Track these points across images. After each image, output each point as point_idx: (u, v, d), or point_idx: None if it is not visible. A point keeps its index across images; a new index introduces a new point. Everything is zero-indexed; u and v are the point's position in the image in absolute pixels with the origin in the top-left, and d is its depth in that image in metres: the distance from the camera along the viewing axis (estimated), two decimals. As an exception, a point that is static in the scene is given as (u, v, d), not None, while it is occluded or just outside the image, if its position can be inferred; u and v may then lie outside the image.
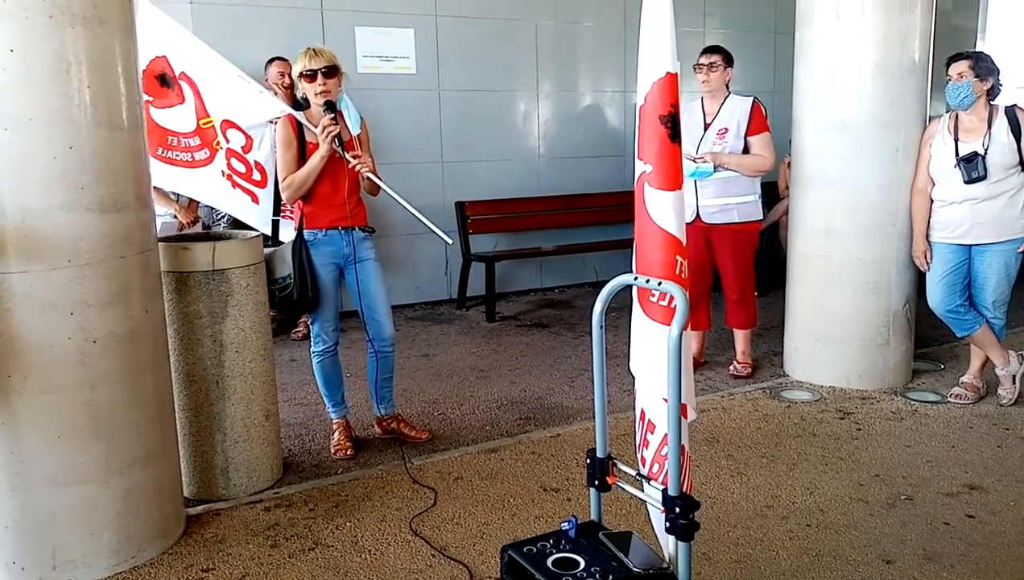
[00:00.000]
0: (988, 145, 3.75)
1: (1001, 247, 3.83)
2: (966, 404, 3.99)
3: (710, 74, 4.29)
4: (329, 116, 3.25)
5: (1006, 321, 4.00)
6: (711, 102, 4.38)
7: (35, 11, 2.26)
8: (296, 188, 3.29)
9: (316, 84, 3.28)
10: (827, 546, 2.71)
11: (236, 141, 3.57)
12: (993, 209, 3.79)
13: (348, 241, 3.41)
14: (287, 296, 3.34)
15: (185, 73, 3.50)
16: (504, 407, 4.17)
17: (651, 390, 2.14)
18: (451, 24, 6.27)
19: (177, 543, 2.77)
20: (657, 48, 2.03)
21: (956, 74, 3.77)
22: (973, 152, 3.77)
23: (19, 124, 2.28)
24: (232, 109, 3.53)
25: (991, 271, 3.87)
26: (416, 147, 6.23)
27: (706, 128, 4.35)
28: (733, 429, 3.75)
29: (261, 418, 3.19)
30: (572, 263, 7.04)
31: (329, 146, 3.25)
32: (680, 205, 2.07)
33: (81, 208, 2.39)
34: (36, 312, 2.36)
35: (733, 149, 4.29)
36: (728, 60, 4.33)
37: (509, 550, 1.94)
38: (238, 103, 3.52)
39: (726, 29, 7.44)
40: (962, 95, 3.76)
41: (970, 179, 3.77)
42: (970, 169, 3.76)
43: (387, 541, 2.79)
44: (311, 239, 3.36)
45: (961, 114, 3.86)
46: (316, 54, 3.28)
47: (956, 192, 3.85)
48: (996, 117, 3.79)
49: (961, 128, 3.85)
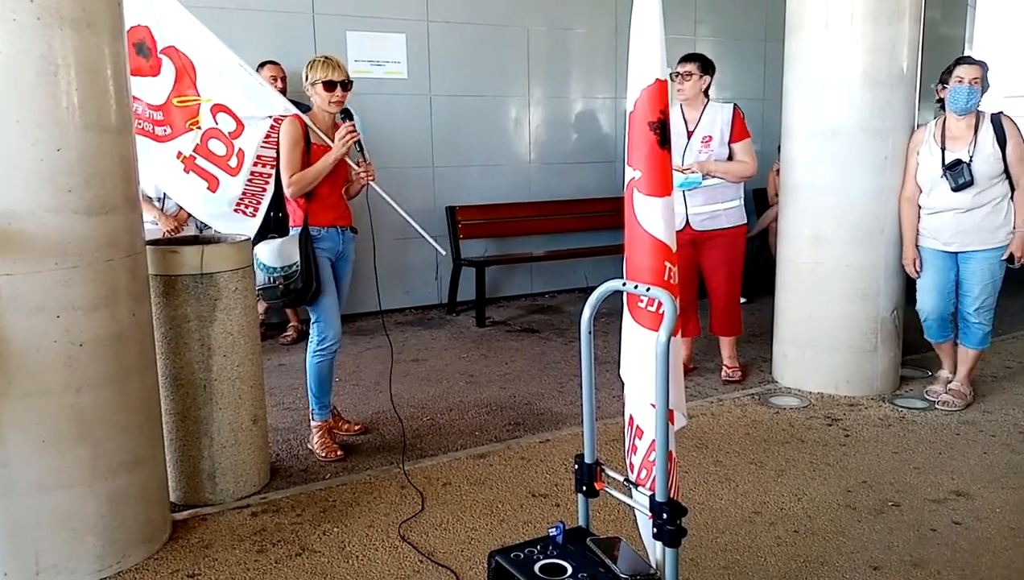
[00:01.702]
0: (973, 153, 3.78)
1: (985, 254, 3.88)
2: (953, 411, 4.02)
3: (684, 83, 4.30)
4: (350, 123, 3.43)
5: (992, 327, 4.04)
6: (690, 110, 4.38)
7: (23, 13, 2.25)
8: (304, 185, 3.39)
9: (335, 94, 3.42)
10: (815, 552, 2.71)
11: (225, 125, 3.60)
12: (976, 217, 3.84)
13: (342, 239, 3.57)
14: (292, 286, 3.39)
15: (176, 49, 3.53)
16: (493, 412, 4.17)
17: (640, 396, 2.14)
18: (443, 29, 6.28)
19: (163, 548, 2.75)
20: (646, 55, 2.04)
21: (971, 78, 3.75)
22: (957, 159, 3.80)
23: (6, 126, 2.27)
24: (229, 96, 3.57)
25: (976, 278, 3.92)
26: (407, 152, 6.22)
27: (689, 136, 4.35)
28: (722, 435, 3.76)
29: (249, 422, 3.18)
30: (563, 269, 7.05)
31: (345, 151, 3.40)
32: (669, 211, 2.08)
33: (68, 211, 2.38)
34: (22, 315, 2.34)
35: (718, 156, 4.31)
36: (704, 68, 4.32)
37: (496, 556, 1.93)
38: (237, 91, 3.57)
39: (716, 37, 7.48)
40: (973, 100, 3.77)
41: (957, 186, 3.79)
42: (956, 176, 3.79)
43: (374, 547, 2.78)
44: (316, 234, 3.47)
45: (950, 121, 3.88)
46: (337, 66, 3.41)
47: (943, 200, 3.89)
48: (982, 125, 3.81)
49: (948, 135, 3.87)
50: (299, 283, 3.40)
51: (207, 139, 3.62)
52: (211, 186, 3.68)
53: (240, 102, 3.59)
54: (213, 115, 3.59)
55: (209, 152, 3.64)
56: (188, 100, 3.57)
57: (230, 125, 3.61)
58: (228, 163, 3.65)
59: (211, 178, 3.67)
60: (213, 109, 3.58)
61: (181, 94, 3.57)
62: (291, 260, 3.40)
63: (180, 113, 3.59)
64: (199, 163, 3.64)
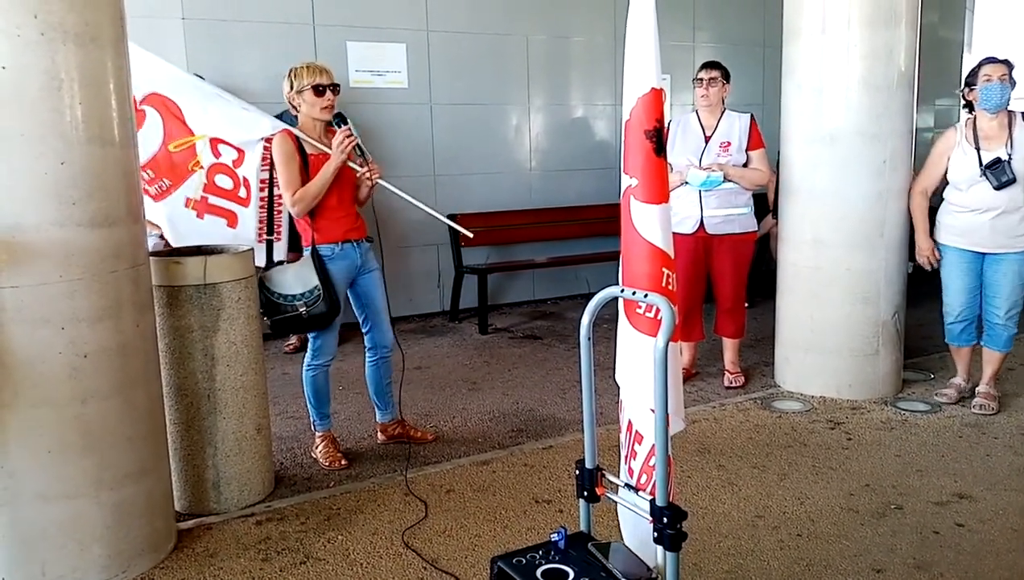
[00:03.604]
0: (1012, 151, 3.75)
1: (1018, 257, 3.85)
2: (990, 414, 3.99)
3: (710, 89, 4.35)
4: (346, 127, 3.30)
5: (1016, 330, 4.03)
6: (708, 116, 4.43)
7: (27, 28, 2.27)
8: (309, 201, 3.28)
9: (324, 99, 3.32)
10: (818, 556, 2.72)
11: (227, 156, 3.52)
12: (1013, 219, 3.80)
13: (360, 253, 3.47)
14: (314, 310, 3.30)
15: (157, 95, 3.43)
16: (496, 419, 4.18)
17: (638, 401, 2.16)
18: (443, 39, 6.32)
19: (168, 557, 2.77)
20: (642, 64, 2.06)
21: (1000, 75, 3.75)
22: (996, 158, 3.75)
23: (11, 140, 2.30)
24: (220, 126, 3.49)
25: (1007, 280, 3.89)
26: (408, 161, 6.25)
27: (707, 141, 4.40)
28: (724, 439, 3.76)
29: (253, 432, 3.20)
30: (564, 275, 7.06)
31: (345, 157, 3.28)
32: (666, 218, 2.10)
33: (72, 223, 2.40)
34: (27, 327, 2.36)
35: (736, 162, 4.36)
36: (726, 76, 4.40)
37: (499, 561, 1.94)
38: (225, 121, 3.49)
39: (715, 43, 7.51)
40: (1006, 96, 3.76)
41: (1000, 184, 3.73)
42: (998, 174, 3.73)
43: (379, 554, 2.79)
44: (328, 254, 3.37)
45: (981, 120, 3.84)
46: (323, 70, 3.33)
47: (983, 200, 3.82)
48: (1016, 123, 3.79)
49: (981, 135, 3.83)
50: (322, 307, 3.30)
51: (213, 176, 3.52)
52: (230, 223, 3.56)
53: (232, 130, 3.49)
54: (214, 149, 3.49)
55: (218, 188, 3.52)
56: (183, 143, 3.46)
57: (232, 155, 3.51)
58: (238, 195, 3.54)
59: (228, 214, 3.56)
60: (212, 143, 3.49)
61: (174, 139, 3.46)
62: (310, 284, 3.29)
63: (177, 159, 3.48)
64: (212, 202, 3.53)
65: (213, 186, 3.53)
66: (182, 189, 3.52)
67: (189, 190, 3.52)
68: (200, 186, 3.52)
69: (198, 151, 3.49)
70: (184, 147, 3.48)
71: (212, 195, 3.54)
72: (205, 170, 3.51)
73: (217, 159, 3.51)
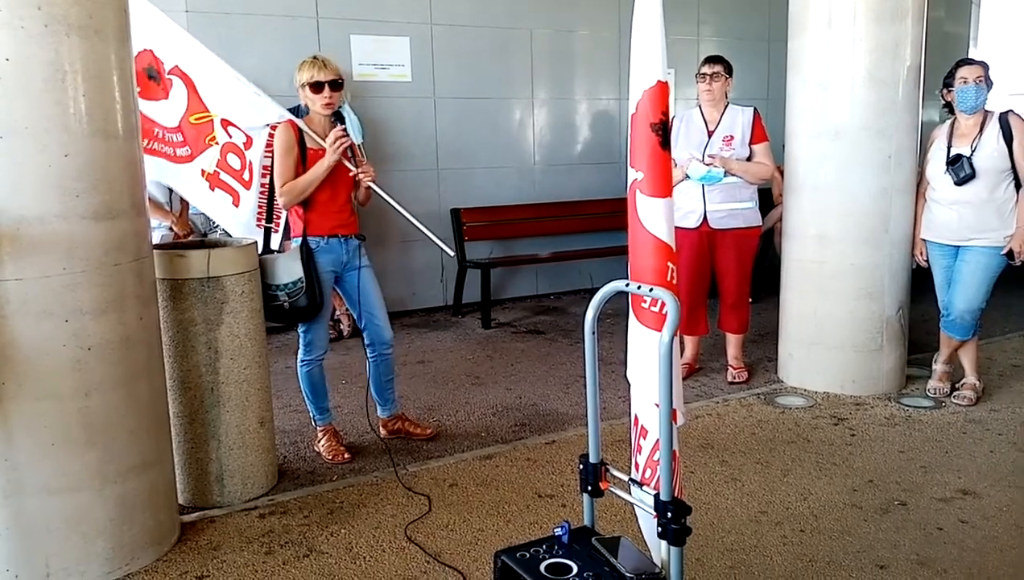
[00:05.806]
0: (976, 148, 3.86)
1: (984, 250, 3.92)
2: (969, 406, 4.03)
3: (713, 83, 4.33)
4: (340, 127, 3.30)
5: (975, 325, 4.08)
6: (711, 110, 4.41)
7: (31, 21, 2.27)
8: (296, 194, 3.29)
9: (323, 96, 3.30)
10: (821, 552, 2.71)
11: (238, 138, 3.59)
12: (979, 213, 3.88)
13: (346, 249, 3.46)
14: (295, 303, 3.31)
15: (178, 68, 3.51)
16: (499, 413, 4.18)
17: (644, 395, 2.15)
18: (446, 32, 6.30)
19: (171, 550, 2.77)
20: (648, 57, 2.05)
21: (975, 77, 3.84)
22: (958, 154, 3.88)
23: (14, 132, 2.29)
24: (230, 108, 3.56)
25: (968, 269, 3.97)
26: (412, 154, 6.25)
27: (710, 135, 4.38)
28: (728, 435, 3.76)
29: (256, 425, 3.20)
30: (568, 270, 7.06)
31: (338, 156, 3.28)
32: (670, 212, 2.09)
33: (76, 216, 2.40)
34: (31, 319, 2.36)
35: (739, 156, 4.34)
36: (729, 70, 4.39)
37: (502, 555, 1.94)
38: (236, 103, 3.55)
39: (720, 37, 7.48)
40: (981, 97, 3.85)
41: (959, 179, 3.87)
42: (957, 170, 3.88)
43: (382, 548, 2.79)
44: (314, 246, 3.37)
45: (960, 119, 3.96)
46: (324, 65, 3.29)
47: (948, 195, 3.96)
48: (988, 122, 3.89)
49: (957, 133, 3.96)
50: (303, 300, 3.30)
51: (226, 153, 3.60)
52: (235, 201, 3.65)
53: (241, 114, 3.56)
54: (225, 129, 3.57)
55: (229, 166, 3.60)
56: (202, 117, 3.55)
57: (241, 138, 3.59)
58: (243, 176, 3.61)
59: (234, 193, 3.65)
60: (223, 123, 3.56)
61: (194, 112, 3.55)
62: (294, 276, 3.29)
63: (197, 131, 3.57)
64: (223, 178, 3.62)
65: (224, 163, 3.62)
66: (199, 160, 3.63)
67: (204, 162, 3.63)
68: (214, 161, 3.62)
69: (215, 127, 3.58)
70: (203, 121, 3.57)
71: (223, 171, 3.62)
72: (219, 146, 3.60)
73: (230, 139, 3.59)
